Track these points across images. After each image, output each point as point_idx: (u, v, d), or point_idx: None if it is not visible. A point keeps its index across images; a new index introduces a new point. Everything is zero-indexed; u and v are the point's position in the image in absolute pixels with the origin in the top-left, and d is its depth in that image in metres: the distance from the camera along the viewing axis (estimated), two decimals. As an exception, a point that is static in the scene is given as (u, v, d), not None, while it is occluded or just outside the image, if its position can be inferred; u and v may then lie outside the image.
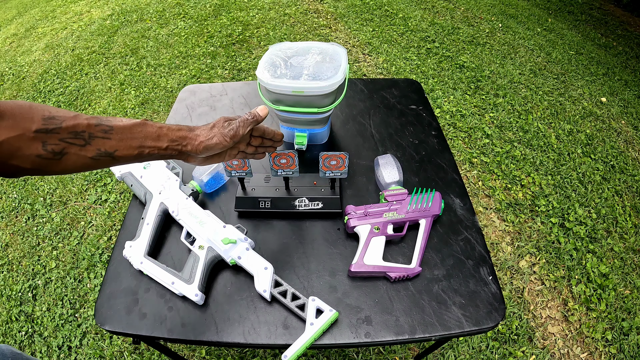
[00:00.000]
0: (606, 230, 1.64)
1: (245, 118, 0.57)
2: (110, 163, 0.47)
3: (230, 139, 0.55)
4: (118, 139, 0.46)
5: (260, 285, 0.66)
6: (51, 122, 0.41)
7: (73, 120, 0.43)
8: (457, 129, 2.07)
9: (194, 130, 0.54)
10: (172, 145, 0.51)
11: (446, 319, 0.64)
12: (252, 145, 0.63)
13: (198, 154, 0.54)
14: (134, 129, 0.48)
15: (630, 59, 2.93)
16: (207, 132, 0.54)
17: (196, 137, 0.53)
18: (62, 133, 0.42)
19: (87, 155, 0.44)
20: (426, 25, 2.95)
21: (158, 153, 0.51)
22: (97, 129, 0.45)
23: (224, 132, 0.55)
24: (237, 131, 0.55)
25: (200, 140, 0.53)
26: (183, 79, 2.48)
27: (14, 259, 1.62)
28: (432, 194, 0.77)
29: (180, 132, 0.52)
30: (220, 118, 0.57)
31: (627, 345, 1.30)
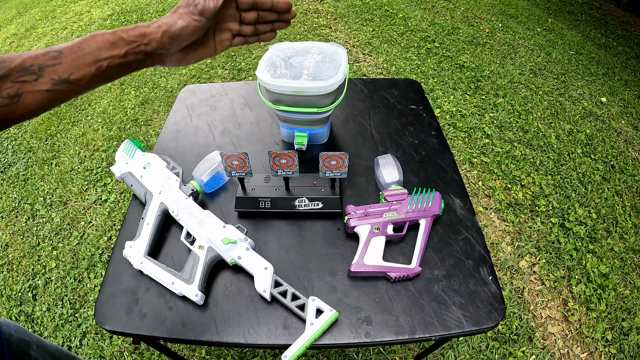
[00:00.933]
0: (606, 230, 1.64)
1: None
2: (71, 92, 0.43)
3: (199, 15, 0.45)
4: (69, 60, 0.42)
5: (260, 285, 0.66)
6: (1, 67, 0.40)
7: (20, 58, 0.41)
8: (457, 129, 2.07)
9: (154, 23, 0.45)
10: (131, 48, 0.44)
11: (446, 319, 0.64)
12: (246, 24, 0.50)
13: (168, 48, 0.46)
14: (84, 45, 0.43)
15: (630, 59, 2.93)
16: (170, 18, 0.45)
17: (157, 30, 0.45)
18: (12, 74, 0.40)
19: (43, 88, 0.41)
20: (426, 25, 2.95)
21: (119, 63, 0.44)
22: (45, 57, 0.41)
23: (190, 9, 0.45)
24: (206, 3, 0.45)
25: (163, 30, 0.44)
26: (183, 79, 2.48)
27: (14, 259, 1.62)
28: (432, 194, 0.77)
29: (136, 29, 0.44)
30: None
31: (627, 345, 1.30)
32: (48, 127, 2.24)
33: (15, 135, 2.23)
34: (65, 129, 2.22)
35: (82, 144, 2.11)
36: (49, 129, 2.23)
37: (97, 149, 2.06)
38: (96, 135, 2.14)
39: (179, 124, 1.03)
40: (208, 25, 0.47)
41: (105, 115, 2.27)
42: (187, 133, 1.00)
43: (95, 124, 2.22)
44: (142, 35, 0.44)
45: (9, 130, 2.27)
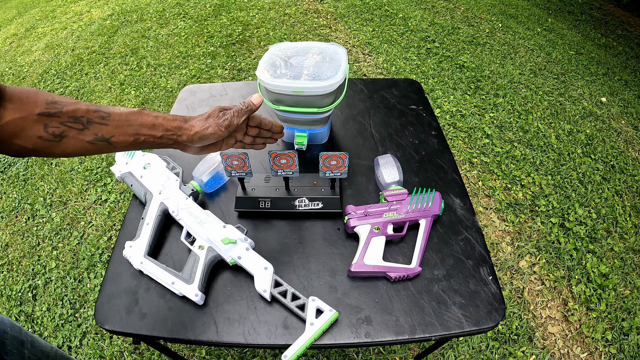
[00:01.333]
0: (606, 230, 1.64)
1: (239, 108, 0.58)
2: (108, 148, 0.50)
3: (225, 128, 0.56)
4: (115, 125, 0.49)
5: (260, 285, 0.66)
6: (53, 107, 0.44)
7: (74, 105, 0.46)
8: (457, 129, 2.07)
9: (190, 120, 0.56)
10: (167, 134, 0.53)
11: (446, 319, 0.64)
12: (249, 135, 0.64)
13: (194, 143, 0.56)
14: (130, 117, 0.50)
15: (630, 59, 2.93)
16: (203, 123, 0.56)
17: (191, 128, 0.55)
18: (62, 117, 0.45)
19: (85, 139, 0.47)
20: (426, 25, 2.95)
21: (154, 141, 0.53)
22: (96, 114, 0.47)
23: (219, 122, 0.56)
24: (232, 121, 0.57)
25: (196, 131, 0.55)
26: (183, 79, 2.48)
27: (14, 259, 1.62)
28: (432, 194, 0.77)
29: (175, 122, 0.54)
30: (216, 108, 0.58)
31: (627, 345, 1.30)
32: (48, 127, 2.23)
33: (15, 135, 2.23)
34: (65, 129, 2.22)
35: (82, 144, 2.11)
36: (49, 129, 2.23)
37: (97, 149, 2.06)
38: (96, 135, 2.14)
39: (179, 124, 1.03)
40: (226, 135, 0.58)
41: (105, 115, 2.27)
42: (187, 133, 1.00)
43: (95, 124, 2.22)
44: (179, 128, 0.54)
45: (9, 130, 2.27)
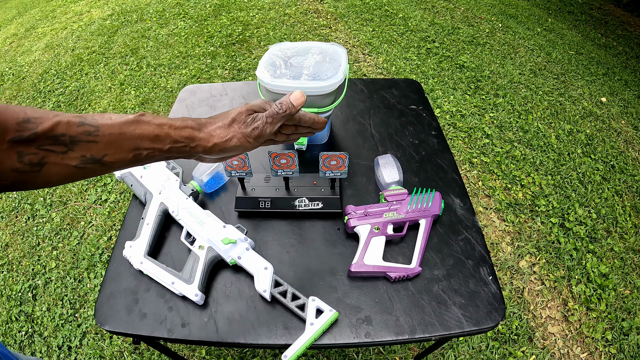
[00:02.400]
0: (606, 230, 1.64)
1: (274, 112, 0.45)
2: (102, 170, 0.39)
3: (254, 139, 0.45)
4: (106, 141, 0.37)
5: (260, 285, 0.66)
6: (27, 127, 0.34)
7: (51, 121, 0.35)
8: (457, 129, 2.07)
9: (206, 127, 0.44)
10: (176, 147, 0.42)
11: (446, 319, 0.64)
12: (283, 134, 0.51)
13: (212, 155, 0.45)
14: (126, 128, 0.38)
15: (630, 59, 2.93)
16: (224, 131, 0.44)
17: (209, 138, 0.43)
18: (39, 139, 0.34)
19: (71, 163, 0.36)
20: (426, 25, 2.95)
21: (160, 155, 0.42)
22: (80, 130, 0.36)
23: (247, 131, 0.44)
24: (264, 129, 0.45)
25: (215, 142, 0.43)
26: (183, 79, 2.48)
27: (14, 259, 1.62)
28: (432, 194, 0.77)
29: (186, 130, 0.42)
30: (242, 109, 0.45)
31: (627, 345, 1.30)
32: (48, 127, 2.24)
33: (15, 135, 2.23)
34: (65, 129, 2.22)
35: (82, 144, 2.11)
36: (49, 129, 2.23)
37: (97, 149, 2.06)
38: (96, 135, 2.14)
39: (179, 124, 1.03)
40: (256, 147, 0.47)
41: (105, 115, 2.27)
42: (187, 133, 1.00)
43: (95, 124, 2.22)
44: (191, 138, 0.42)
45: (9, 130, 2.27)
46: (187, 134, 0.42)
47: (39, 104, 2.44)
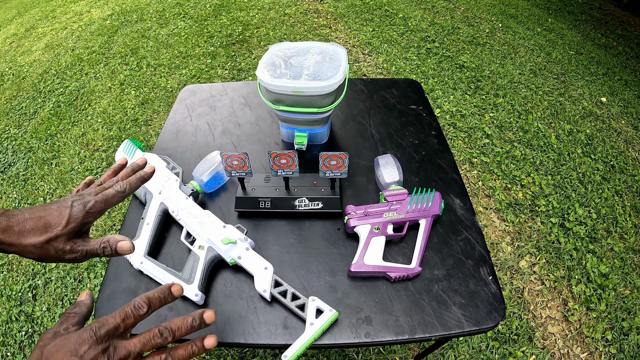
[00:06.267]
0: (606, 230, 1.64)
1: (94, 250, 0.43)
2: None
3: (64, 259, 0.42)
4: None
5: (260, 285, 0.66)
6: None
7: None
8: (457, 129, 2.07)
9: (14, 234, 0.40)
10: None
11: (446, 319, 0.64)
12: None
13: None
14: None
15: (630, 59, 2.93)
16: (37, 250, 0.40)
17: (18, 250, 0.40)
18: None
19: None
20: (426, 25, 2.95)
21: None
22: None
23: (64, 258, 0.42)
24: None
25: (24, 256, 0.41)
26: (183, 79, 2.48)
27: (14, 259, 1.62)
28: (432, 194, 0.77)
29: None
30: (62, 231, 0.41)
31: (627, 345, 1.30)
32: (48, 127, 2.24)
33: (15, 135, 2.23)
34: (65, 129, 2.22)
35: (82, 144, 2.11)
36: (49, 129, 2.23)
37: (97, 149, 2.06)
38: (96, 135, 2.14)
39: (179, 124, 1.03)
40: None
41: (105, 115, 2.27)
42: (187, 133, 1.00)
43: (95, 124, 2.22)
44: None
45: (9, 130, 2.27)
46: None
47: (39, 104, 2.44)
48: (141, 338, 0.35)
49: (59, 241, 0.41)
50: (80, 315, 0.38)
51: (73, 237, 0.42)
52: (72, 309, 0.38)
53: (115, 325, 0.34)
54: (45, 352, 0.32)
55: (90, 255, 0.43)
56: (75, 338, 0.33)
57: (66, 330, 0.35)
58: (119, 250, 0.43)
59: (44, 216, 0.41)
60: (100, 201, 0.44)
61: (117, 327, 0.34)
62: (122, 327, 0.35)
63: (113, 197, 0.45)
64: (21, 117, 2.36)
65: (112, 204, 0.45)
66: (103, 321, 0.34)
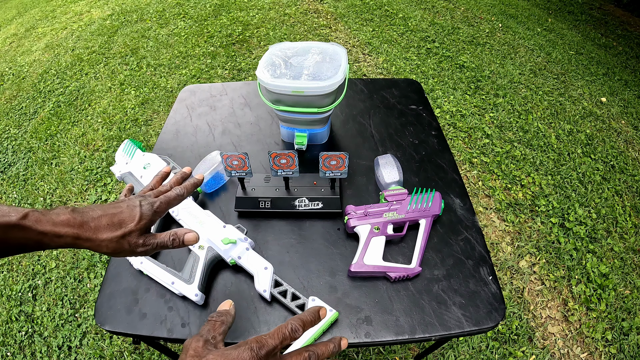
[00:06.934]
0: (606, 230, 1.64)
1: (163, 243, 0.47)
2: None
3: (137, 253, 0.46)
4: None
5: (260, 285, 0.66)
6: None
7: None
8: (457, 129, 2.07)
9: (91, 232, 0.43)
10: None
11: (446, 319, 0.64)
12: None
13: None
14: (3, 234, 0.38)
15: (630, 59, 2.93)
16: (113, 244, 0.44)
17: (95, 246, 0.43)
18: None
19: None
20: (426, 25, 2.95)
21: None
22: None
23: (136, 250, 0.46)
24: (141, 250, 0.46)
25: (103, 251, 0.44)
26: (183, 79, 2.48)
27: (13, 259, 1.62)
28: (432, 194, 0.77)
29: (66, 239, 0.42)
30: (134, 227, 0.44)
31: (627, 345, 1.30)
32: (48, 127, 2.24)
33: (15, 135, 2.23)
34: (65, 129, 2.22)
35: (82, 144, 2.11)
36: (49, 129, 2.23)
37: (97, 149, 2.06)
38: (96, 135, 2.14)
39: (179, 124, 1.03)
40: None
41: (105, 115, 2.27)
42: (187, 133, 1.00)
43: (95, 124, 2.22)
44: (74, 244, 0.43)
45: (9, 130, 2.27)
46: (69, 241, 0.41)
47: (39, 104, 2.44)
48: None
49: (132, 236, 0.44)
50: (227, 325, 0.40)
51: (144, 233, 0.46)
52: (218, 317, 0.41)
53: (274, 346, 0.35)
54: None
55: (159, 247, 0.47)
56: (235, 356, 0.34)
57: (214, 339, 0.38)
58: (186, 242, 0.48)
59: (117, 214, 0.44)
60: (164, 202, 0.49)
61: (275, 348, 0.36)
62: (279, 348, 0.36)
63: (174, 199, 0.50)
64: (21, 117, 2.36)
65: (172, 206, 0.50)
66: (263, 342, 0.35)
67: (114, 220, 0.43)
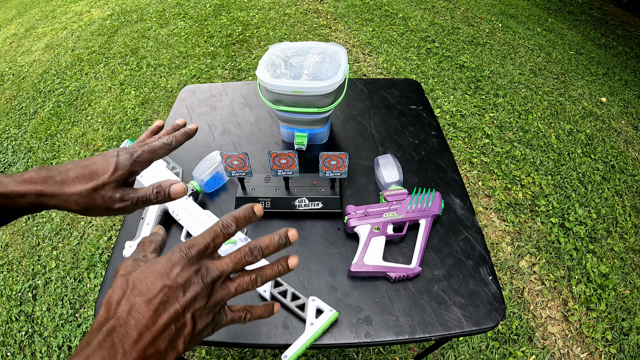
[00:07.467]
0: (606, 230, 1.64)
1: (146, 197, 0.41)
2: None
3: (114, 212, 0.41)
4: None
5: (260, 285, 0.66)
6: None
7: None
8: (457, 129, 2.07)
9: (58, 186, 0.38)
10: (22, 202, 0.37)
11: (446, 319, 0.64)
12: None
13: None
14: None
15: (630, 59, 2.93)
16: (83, 199, 0.38)
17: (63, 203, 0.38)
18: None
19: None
20: (426, 25, 2.95)
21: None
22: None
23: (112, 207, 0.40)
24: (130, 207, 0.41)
25: (72, 209, 0.39)
26: (183, 79, 2.48)
27: (14, 259, 1.62)
28: (432, 194, 0.77)
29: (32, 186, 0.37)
30: (108, 179, 0.39)
31: (627, 345, 1.30)
32: (48, 127, 2.24)
33: (15, 135, 2.23)
34: (65, 129, 2.22)
35: (82, 144, 2.11)
36: (49, 129, 2.23)
37: (97, 149, 2.06)
38: (96, 135, 2.14)
39: (179, 124, 1.03)
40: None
41: (105, 115, 2.27)
42: (187, 133, 1.00)
43: (95, 124, 2.22)
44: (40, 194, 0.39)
45: (9, 130, 2.27)
46: (32, 200, 0.37)
47: (39, 104, 2.44)
48: (232, 257, 0.33)
49: (107, 189, 0.39)
50: (156, 244, 0.37)
51: (121, 186, 0.40)
52: (147, 238, 0.37)
53: (205, 244, 0.32)
54: (131, 279, 0.30)
55: (141, 203, 0.41)
56: (163, 261, 0.31)
57: (145, 258, 0.34)
58: (172, 194, 0.42)
59: (88, 165, 0.39)
60: (147, 151, 0.43)
61: (207, 247, 0.33)
62: (211, 247, 0.33)
63: (160, 148, 0.44)
64: (21, 117, 2.36)
65: (158, 155, 0.44)
66: (192, 242, 0.32)
67: (84, 172, 0.38)
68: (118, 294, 0.30)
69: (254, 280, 0.35)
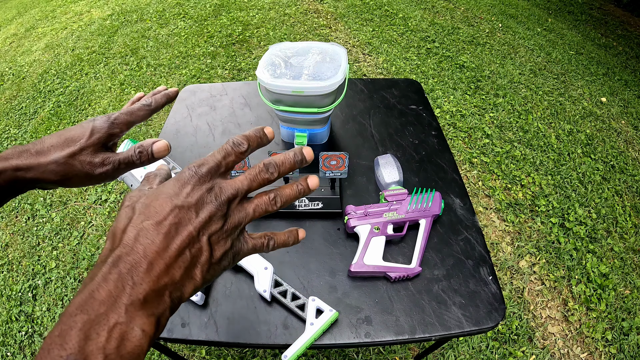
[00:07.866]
0: (606, 230, 1.64)
1: (129, 159, 0.39)
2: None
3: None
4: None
5: (260, 285, 0.66)
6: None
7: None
8: (457, 129, 2.07)
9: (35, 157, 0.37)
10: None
11: (446, 319, 0.64)
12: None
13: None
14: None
15: (630, 59, 2.93)
16: (60, 168, 0.37)
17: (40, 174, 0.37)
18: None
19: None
20: (426, 25, 2.95)
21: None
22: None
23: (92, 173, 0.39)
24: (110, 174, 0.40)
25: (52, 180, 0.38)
26: (183, 79, 2.48)
27: (14, 259, 1.62)
28: (432, 194, 0.77)
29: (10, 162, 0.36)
30: (86, 143, 0.38)
31: (627, 345, 1.30)
32: (48, 127, 2.24)
33: (16, 135, 2.23)
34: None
35: (82, 144, 2.11)
36: (49, 129, 2.23)
37: (97, 149, 2.06)
38: (96, 135, 2.14)
39: (179, 124, 1.03)
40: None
41: (105, 115, 2.27)
42: (187, 133, 1.00)
43: (95, 124, 2.22)
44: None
45: (9, 130, 2.27)
46: (9, 176, 0.36)
47: (39, 104, 2.44)
48: (247, 175, 0.31)
49: (84, 154, 0.37)
50: (162, 177, 0.34)
51: (101, 150, 0.38)
52: (152, 172, 0.35)
53: (217, 162, 0.30)
54: (138, 206, 0.28)
55: (124, 166, 0.39)
56: (172, 182, 0.29)
57: (151, 189, 0.31)
58: (155, 152, 0.39)
59: (64, 133, 0.38)
60: (126, 113, 0.41)
61: (219, 165, 0.30)
62: (223, 166, 0.30)
63: (139, 109, 0.42)
64: (21, 117, 2.36)
65: (138, 118, 0.42)
66: (203, 160, 0.30)
67: (60, 140, 0.37)
68: (123, 222, 0.27)
69: (272, 200, 0.31)
